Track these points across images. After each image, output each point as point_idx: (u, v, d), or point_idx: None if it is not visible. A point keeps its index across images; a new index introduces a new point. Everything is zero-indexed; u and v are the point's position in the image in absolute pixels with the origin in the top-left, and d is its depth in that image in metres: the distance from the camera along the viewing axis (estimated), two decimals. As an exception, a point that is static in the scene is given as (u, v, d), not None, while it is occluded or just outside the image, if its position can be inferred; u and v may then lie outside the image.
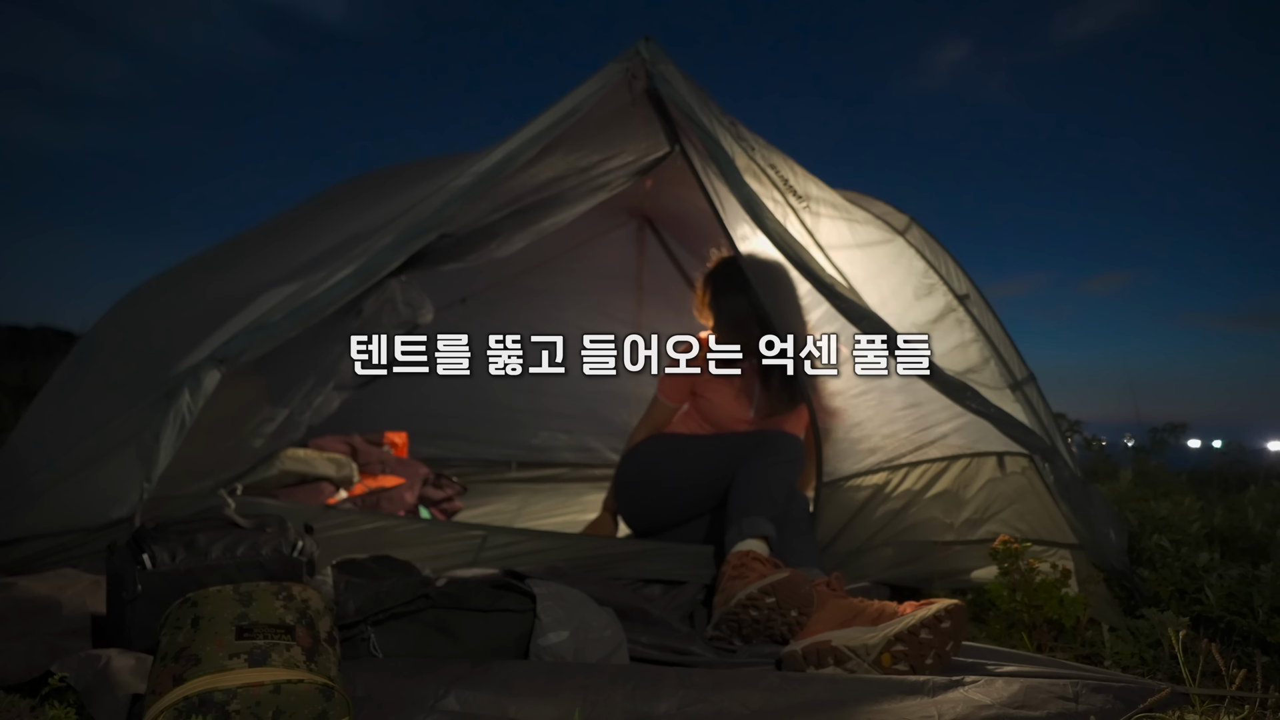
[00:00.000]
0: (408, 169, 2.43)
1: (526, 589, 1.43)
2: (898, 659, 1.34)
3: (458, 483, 3.00)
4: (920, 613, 1.38)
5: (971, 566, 2.00)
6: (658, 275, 3.86)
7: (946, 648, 1.36)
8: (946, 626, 1.36)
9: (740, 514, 1.84)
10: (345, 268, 1.71)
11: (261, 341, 1.65)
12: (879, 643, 1.35)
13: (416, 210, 1.76)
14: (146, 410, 1.56)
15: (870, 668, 1.35)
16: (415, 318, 2.60)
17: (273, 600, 1.16)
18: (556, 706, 1.17)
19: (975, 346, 2.02)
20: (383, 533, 1.85)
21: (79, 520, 1.56)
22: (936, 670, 1.35)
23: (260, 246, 2.24)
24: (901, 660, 1.35)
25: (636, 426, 2.41)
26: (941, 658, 1.36)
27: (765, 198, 1.85)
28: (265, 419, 2.29)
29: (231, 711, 1.00)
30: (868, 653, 1.35)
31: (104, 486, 1.55)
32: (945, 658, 1.37)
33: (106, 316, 2.11)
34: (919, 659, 1.35)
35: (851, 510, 2.03)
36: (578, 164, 2.14)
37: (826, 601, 1.50)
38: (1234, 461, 4.48)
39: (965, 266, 2.21)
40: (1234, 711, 1.20)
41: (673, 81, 1.85)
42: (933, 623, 1.36)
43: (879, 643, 1.35)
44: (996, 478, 2.04)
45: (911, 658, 1.35)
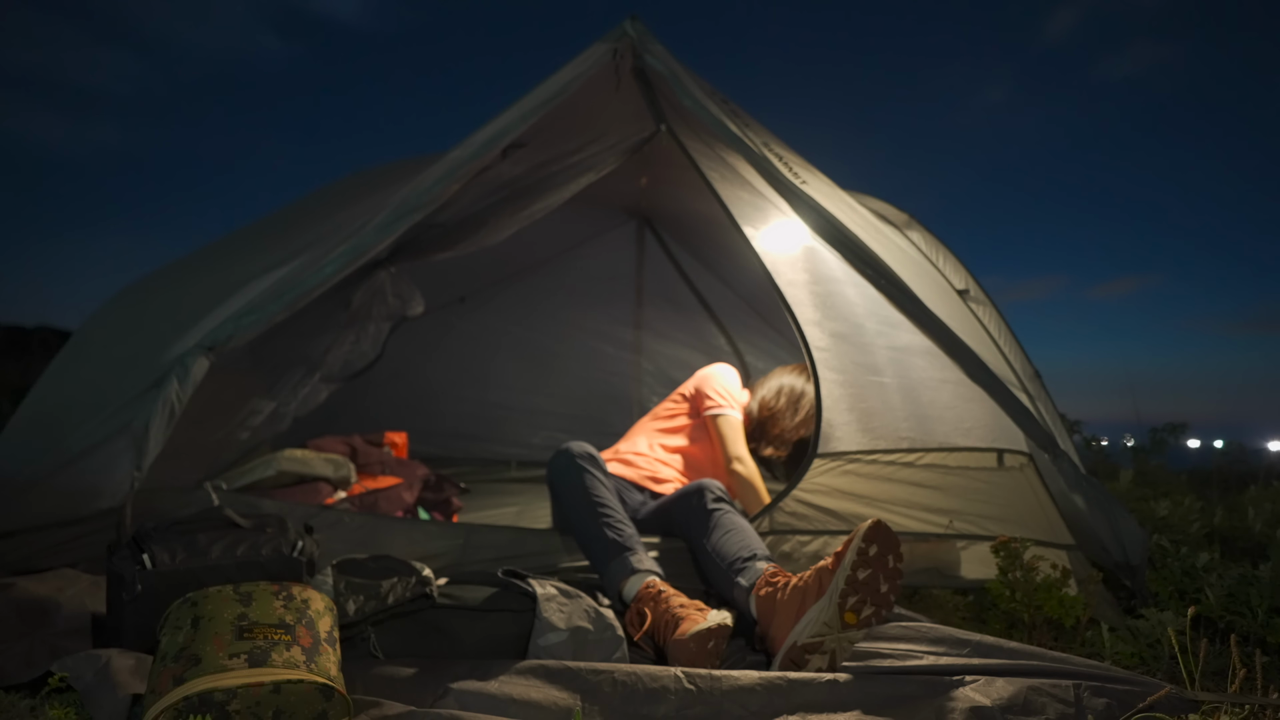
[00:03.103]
0: (400, 165, 2.44)
1: (526, 588, 1.44)
2: (858, 609, 1.36)
3: (458, 483, 2.99)
4: (847, 557, 1.39)
5: (967, 565, 1.99)
6: (658, 275, 3.86)
7: (889, 567, 1.39)
8: (876, 551, 1.39)
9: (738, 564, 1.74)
10: (333, 250, 1.71)
11: (249, 325, 1.63)
12: (834, 610, 1.36)
13: (404, 192, 1.77)
14: (136, 400, 1.56)
15: (843, 635, 1.36)
16: (405, 310, 2.60)
17: (273, 600, 1.16)
18: (556, 706, 1.17)
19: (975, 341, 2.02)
20: (380, 533, 1.85)
21: (72, 511, 1.56)
22: (895, 591, 1.40)
23: (251, 241, 2.24)
24: (861, 608, 1.37)
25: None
26: (890, 577, 1.39)
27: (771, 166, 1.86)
28: (252, 411, 2.29)
29: (231, 711, 1.00)
30: (831, 628, 1.36)
31: (96, 477, 1.55)
32: (894, 574, 1.40)
33: (100, 311, 2.12)
34: (874, 592, 1.37)
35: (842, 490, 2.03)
36: (565, 146, 2.14)
37: (774, 608, 1.48)
38: (1234, 461, 4.49)
39: (981, 270, 2.21)
40: (1234, 712, 1.20)
41: (661, 58, 1.87)
42: (862, 558, 1.38)
43: (834, 610, 1.36)
44: (994, 475, 2.04)
45: (869, 599, 1.37)
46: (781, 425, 2.31)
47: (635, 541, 1.73)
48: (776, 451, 2.35)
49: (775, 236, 2.16)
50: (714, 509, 1.79)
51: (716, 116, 1.84)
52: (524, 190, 2.19)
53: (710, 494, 1.83)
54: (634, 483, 2.24)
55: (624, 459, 2.33)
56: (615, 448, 2.41)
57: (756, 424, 2.37)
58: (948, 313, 1.86)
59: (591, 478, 1.87)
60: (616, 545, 1.71)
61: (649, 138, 2.16)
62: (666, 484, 2.28)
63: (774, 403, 2.33)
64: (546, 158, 2.14)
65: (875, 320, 2.11)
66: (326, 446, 2.72)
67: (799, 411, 2.30)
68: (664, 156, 2.53)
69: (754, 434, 2.38)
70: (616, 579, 1.67)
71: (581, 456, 1.93)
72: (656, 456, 2.35)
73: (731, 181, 2.15)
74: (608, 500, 1.82)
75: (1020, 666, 1.27)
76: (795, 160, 2.02)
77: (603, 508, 1.80)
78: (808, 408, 2.29)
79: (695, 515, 1.80)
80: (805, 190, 1.81)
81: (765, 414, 2.34)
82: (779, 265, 2.10)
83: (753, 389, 2.45)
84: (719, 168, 2.13)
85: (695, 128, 2.05)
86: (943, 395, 2.08)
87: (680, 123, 2.07)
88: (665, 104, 2.02)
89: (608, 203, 3.57)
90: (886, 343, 2.10)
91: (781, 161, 1.89)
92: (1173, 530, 2.32)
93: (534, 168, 2.16)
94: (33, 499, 1.56)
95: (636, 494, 2.21)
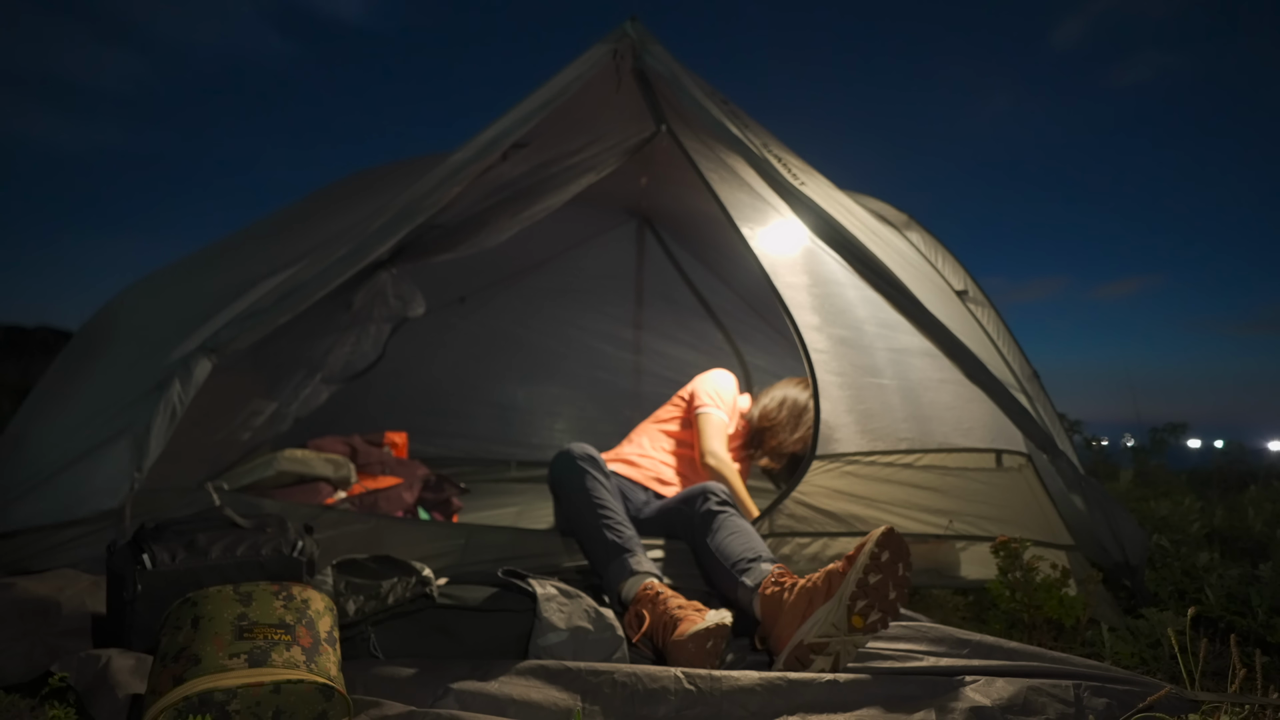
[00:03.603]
0: (401, 166, 2.44)
1: (527, 588, 1.43)
2: (865, 613, 1.36)
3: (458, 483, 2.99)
4: (859, 560, 1.39)
5: (967, 565, 1.99)
6: (658, 275, 3.86)
7: (898, 574, 1.39)
8: (888, 558, 1.38)
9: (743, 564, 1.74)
10: (336, 252, 1.71)
11: (252, 328, 1.64)
12: (843, 612, 1.36)
13: (406, 195, 1.77)
14: (138, 401, 1.56)
15: (849, 639, 1.36)
16: (405, 311, 2.60)
17: (273, 600, 1.16)
18: (556, 707, 1.17)
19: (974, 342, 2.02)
20: (380, 533, 1.85)
21: (73, 512, 1.56)
22: (903, 599, 1.39)
23: (254, 242, 2.24)
24: (869, 612, 1.36)
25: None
26: (899, 584, 1.39)
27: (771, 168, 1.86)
28: (253, 412, 2.29)
29: (231, 711, 1.00)
30: (839, 629, 1.36)
31: (97, 478, 1.55)
32: (903, 581, 1.39)
33: (101, 312, 2.12)
34: (883, 598, 1.37)
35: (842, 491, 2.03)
36: (565, 147, 2.14)
37: (781, 607, 1.48)
38: (1234, 461, 4.49)
39: (984, 271, 2.22)
40: (1234, 712, 1.20)
41: (661, 59, 1.87)
42: (874, 563, 1.37)
43: (843, 612, 1.36)
44: (993, 475, 2.04)
45: (877, 605, 1.36)
46: (780, 438, 2.31)
47: (635, 543, 1.73)
48: (772, 463, 2.36)
49: (774, 238, 2.17)
50: (718, 511, 1.79)
51: (716, 117, 1.84)
52: (525, 191, 2.19)
53: (714, 497, 1.83)
54: (638, 483, 2.25)
55: (628, 459, 2.34)
56: (619, 448, 2.42)
57: (755, 432, 2.37)
58: (946, 314, 1.86)
59: (592, 479, 1.87)
60: (616, 547, 1.71)
61: (649, 138, 2.16)
62: (670, 485, 2.28)
63: (775, 414, 2.33)
64: (547, 158, 2.15)
65: (875, 322, 2.11)
66: (327, 446, 2.72)
67: (799, 427, 2.30)
68: (664, 157, 2.53)
69: (751, 441, 2.38)
70: (615, 581, 1.67)
71: (582, 458, 1.93)
72: (659, 458, 2.35)
73: (731, 183, 2.15)
74: (608, 502, 1.82)
75: (1020, 667, 1.27)
76: (795, 161, 2.03)
77: (603, 509, 1.80)
78: (808, 423, 2.28)
79: (699, 517, 1.80)
80: (804, 192, 1.81)
81: (765, 423, 2.34)
82: (778, 267, 2.10)
83: (756, 397, 2.46)
84: (719, 169, 2.13)
85: (695, 128, 2.05)
86: (942, 396, 2.09)
87: (680, 123, 2.07)
88: (665, 104, 2.03)
89: (608, 203, 3.57)
90: (886, 344, 2.10)
91: (781, 163, 1.89)
92: (1173, 530, 2.32)
93: (535, 168, 2.16)
94: (33, 499, 1.56)
95: (641, 493, 2.22)
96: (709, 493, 1.84)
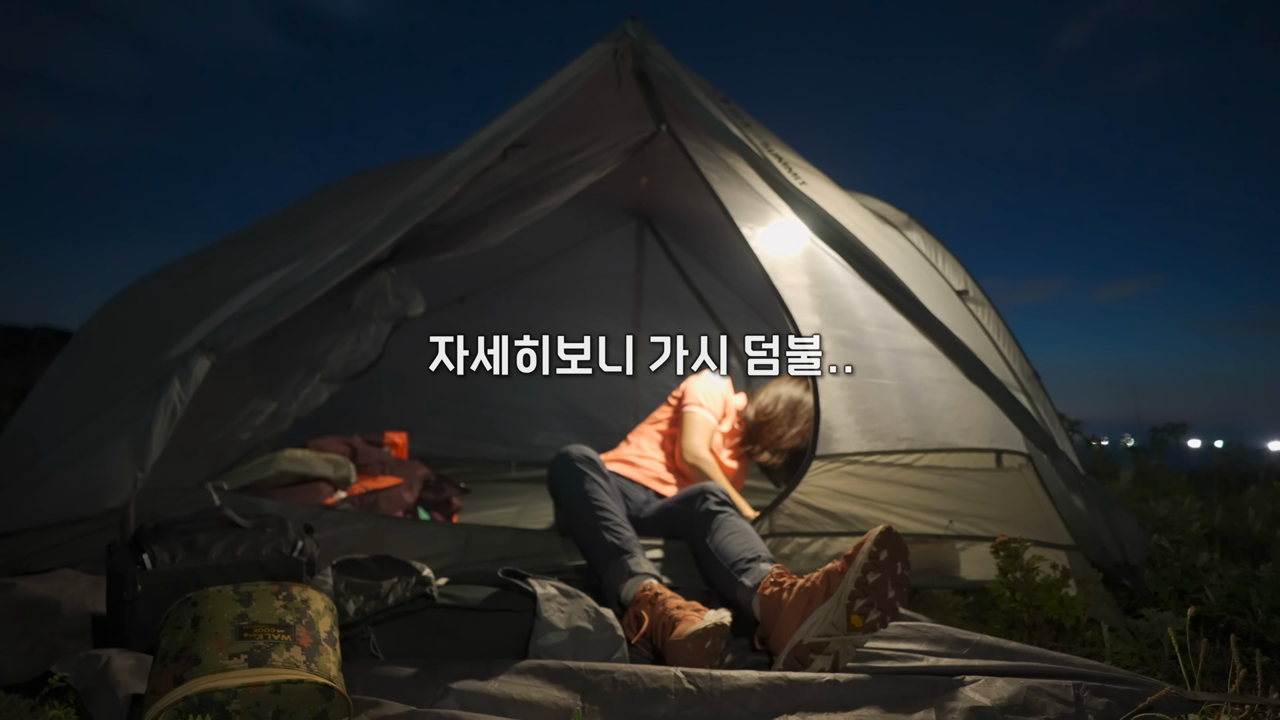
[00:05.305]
0: (401, 165, 2.44)
1: (527, 588, 1.43)
2: (864, 612, 1.36)
3: (458, 483, 2.99)
4: (858, 560, 1.39)
5: (967, 565, 1.99)
6: (658, 275, 3.86)
7: (897, 573, 1.40)
8: (886, 557, 1.39)
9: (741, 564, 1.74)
10: (334, 250, 1.71)
11: (251, 326, 1.63)
12: (842, 612, 1.36)
13: (404, 193, 1.77)
14: (138, 400, 1.56)
15: (848, 638, 1.36)
16: (405, 310, 2.60)
17: (273, 600, 1.16)
18: (556, 706, 1.17)
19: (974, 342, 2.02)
20: (380, 533, 1.85)
21: (74, 511, 1.56)
22: (902, 598, 1.40)
23: (253, 242, 2.24)
24: (868, 611, 1.36)
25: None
26: (898, 584, 1.39)
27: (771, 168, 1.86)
28: (253, 412, 2.29)
29: (231, 711, 1.00)
30: (838, 629, 1.36)
31: (98, 477, 1.55)
32: (901, 580, 1.40)
33: (101, 311, 2.12)
34: (881, 597, 1.37)
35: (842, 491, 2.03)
36: (565, 146, 2.14)
37: (780, 607, 1.48)
38: (1234, 461, 4.49)
39: (985, 272, 2.23)
40: (1234, 712, 1.20)
41: (661, 59, 1.87)
42: (873, 562, 1.38)
43: (842, 612, 1.36)
44: (993, 475, 2.04)
45: (876, 604, 1.37)
46: (777, 432, 2.32)
47: (634, 544, 1.74)
48: (772, 459, 2.36)
49: (775, 238, 2.17)
50: (717, 511, 1.79)
51: (717, 117, 1.84)
52: (524, 191, 2.18)
53: (714, 497, 1.83)
54: (638, 483, 2.26)
55: (627, 460, 2.35)
56: (618, 449, 2.43)
57: (752, 428, 2.38)
58: (947, 314, 1.86)
59: (591, 481, 1.87)
60: (615, 549, 1.71)
61: (649, 138, 2.16)
62: (669, 485, 2.29)
63: (772, 409, 2.34)
64: (547, 158, 2.14)
65: (875, 322, 2.11)
66: (327, 446, 2.72)
67: (796, 421, 2.31)
68: (664, 156, 2.53)
69: (749, 438, 2.39)
70: (615, 582, 1.67)
71: (581, 460, 1.93)
72: (658, 458, 2.37)
73: (731, 183, 2.15)
74: (606, 504, 1.82)
75: (1020, 667, 1.27)
76: (796, 161, 2.02)
77: (601, 511, 1.80)
78: (805, 417, 2.30)
79: (698, 517, 1.80)
80: (805, 192, 1.81)
81: (761, 419, 2.36)
82: (778, 267, 2.10)
83: (752, 395, 2.47)
84: (719, 169, 2.13)
85: (695, 128, 2.05)
86: (942, 396, 2.09)
87: (680, 123, 2.07)
88: (665, 104, 2.02)
89: (608, 203, 3.56)
90: (886, 344, 2.10)
91: (782, 162, 1.89)
92: (1173, 530, 2.32)
93: (534, 168, 2.16)
94: (33, 499, 1.56)
95: (641, 493, 2.22)
96: (708, 493, 1.84)
